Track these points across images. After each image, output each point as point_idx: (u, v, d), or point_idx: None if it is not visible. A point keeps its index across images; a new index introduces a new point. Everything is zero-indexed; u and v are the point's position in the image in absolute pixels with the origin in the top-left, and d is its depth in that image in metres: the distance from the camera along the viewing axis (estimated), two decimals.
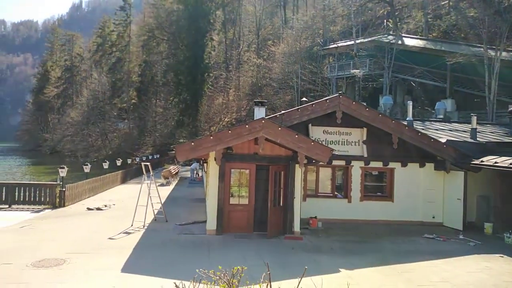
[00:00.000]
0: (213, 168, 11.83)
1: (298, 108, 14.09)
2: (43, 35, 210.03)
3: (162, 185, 24.71)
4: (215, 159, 11.40)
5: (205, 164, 20.92)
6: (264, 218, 11.76)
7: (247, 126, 11.15)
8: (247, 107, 49.29)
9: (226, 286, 2.80)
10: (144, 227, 12.49)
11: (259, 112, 15.72)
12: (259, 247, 10.38)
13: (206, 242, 10.71)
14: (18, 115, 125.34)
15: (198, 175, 29.84)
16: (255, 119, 14.60)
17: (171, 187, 25.37)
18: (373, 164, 14.51)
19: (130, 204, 16.30)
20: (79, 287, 7.12)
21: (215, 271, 3.11)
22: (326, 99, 14.02)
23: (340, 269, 8.68)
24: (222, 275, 2.95)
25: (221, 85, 55.24)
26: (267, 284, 3.06)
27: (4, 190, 15.79)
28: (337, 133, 14.40)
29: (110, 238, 10.94)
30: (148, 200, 13.34)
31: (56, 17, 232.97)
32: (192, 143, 11.11)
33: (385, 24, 43.17)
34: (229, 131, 11.15)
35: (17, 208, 15.52)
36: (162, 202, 14.42)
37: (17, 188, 16.14)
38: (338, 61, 40.67)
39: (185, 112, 52.81)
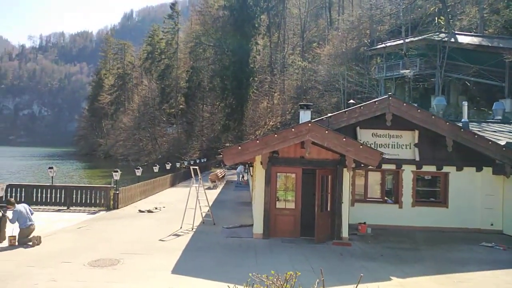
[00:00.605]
0: (259, 172, 11.86)
1: (345, 111, 13.81)
2: (97, 44, 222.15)
3: (209, 188, 25.16)
4: (261, 163, 11.43)
5: (251, 168, 21.07)
6: (311, 223, 11.62)
7: (293, 129, 11.08)
8: (292, 111, 49.14)
9: None
10: (192, 229, 12.75)
11: (305, 115, 15.61)
12: (307, 252, 10.25)
13: (253, 246, 10.74)
14: (75, 121, 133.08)
15: (244, 178, 30.10)
16: (300, 122, 14.50)
17: (218, 190, 25.77)
18: (426, 168, 13.91)
19: (179, 207, 16.76)
20: (133, 286, 7.36)
21: (268, 276, 3.08)
22: (375, 101, 13.64)
23: (392, 277, 8.37)
24: (275, 280, 2.92)
25: (266, 89, 55.52)
26: None
27: (63, 193, 16.75)
28: (387, 136, 13.96)
29: (160, 240, 11.27)
30: (196, 203, 13.62)
31: (109, 27, 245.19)
32: (239, 147, 11.21)
33: (436, 21, 41.35)
34: (275, 135, 11.13)
35: (75, 209, 16.38)
36: (210, 205, 14.65)
37: (74, 190, 17.05)
38: (387, 61, 39.49)
39: (230, 117, 53.58)
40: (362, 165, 11.67)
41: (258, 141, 11.17)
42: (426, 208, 13.85)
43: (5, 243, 10.29)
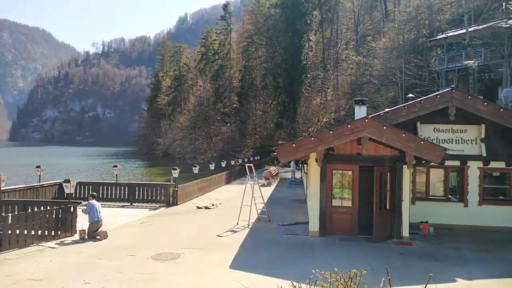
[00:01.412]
0: (314, 169, 11.75)
1: (404, 105, 13.28)
2: (155, 48, 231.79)
3: (263, 185, 25.33)
4: (316, 160, 11.32)
5: (305, 165, 20.92)
6: (369, 221, 11.31)
7: (349, 125, 10.85)
8: (346, 107, 48.11)
9: None
10: (248, 226, 12.93)
11: (360, 111, 15.22)
12: (365, 251, 10.01)
13: (309, 243, 10.67)
14: (135, 122, 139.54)
15: (297, 176, 29.98)
16: (355, 118, 14.17)
17: (272, 187, 25.88)
18: (494, 164, 13.00)
19: (235, 204, 17.05)
20: (193, 280, 7.62)
21: (331, 273, 3.05)
22: (437, 94, 12.97)
23: (457, 279, 7.94)
24: (339, 277, 2.87)
25: (319, 85, 54.81)
26: None
27: (126, 190, 17.71)
28: (450, 130, 13.23)
29: (218, 236, 11.55)
30: (252, 200, 13.78)
31: (165, 31, 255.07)
32: (293, 145, 11.18)
33: (503, 7, 38.42)
34: (330, 132, 10.96)
35: (137, 205, 17.24)
36: (265, 202, 14.76)
37: (137, 187, 17.96)
38: (448, 52, 37.33)
39: (283, 114, 53.51)
40: (423, 161, 11.17)
41: (312, 138, 11.07)
42: (494, 207, 12.95)
43: (76, 236, 11.07)
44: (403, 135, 10.56)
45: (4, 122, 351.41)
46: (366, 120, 10.73)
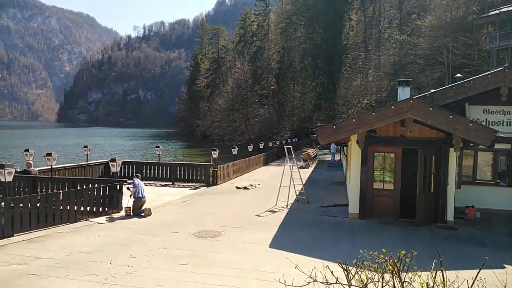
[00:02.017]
0: (355, 151, 11.55)
1: (452, 86, 12.68)
2: (194, 31, 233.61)
3: (301, 167, 25.25)
4: (357, 142, 11.11)
5: (345, 148, 20.61)
6: (411, 205, 11.05)
7: (392, 107, 10.52)
8: (388, 88, 46.54)
9: (392, 270, 2.68)
10: (287, 206, 12.99)
11: (403, 92, 14.70)
12: (407, 234, 9.81)
13: (349, 226, 10.59)
14: (175, 104, 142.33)
15: (336, 158, 29.64)
16: (398, 99, 13.71)
17: (310, 169, 25.75)
18: None
19: (273, 185, 17.15)
20: (234, 258, 7.79)
21: (379, 253, 3.01)
22: (488, 74, 12.28)
23: (506, 265, 7.62)
24: (387, 258, 2.83)
25: (360, 66, 53.28)
26: (438, 273, 2.81)
27: (168, 170, 18.25)
28: (501, 112, 12.53)
29: (257, 215, 11.70)
30: (290, 181, 13.79)
31: (204, 14, 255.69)
32: (334, 126, 11.01)
33: None
34: (373, 113, 10.68)
35: (179, 185, 17.74)
36: (303, 184, 14.73)
37: (178, 167, 18.45)
38: (500, 30, 35.03)
39: (322, 96, 52.67)
40: (471, 144, 10.68)
41: (354, 120, 10.85)
42: None
43: (122, 213, 11.58)
44: (451, 116, 10.11)
45: (52, 104, 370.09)
46: (411, 101, 10.36)
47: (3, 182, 9.38)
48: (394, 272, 2.66)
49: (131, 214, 11.36)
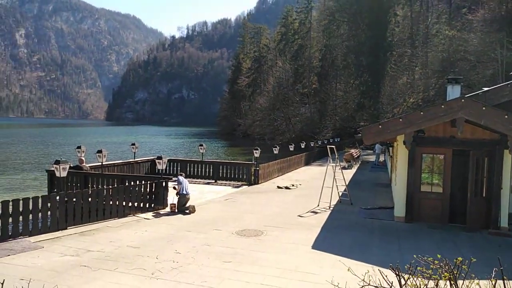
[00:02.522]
0: (401, 152, 11.19)
1: (508, 84, 11.97)
2: (236, 30, 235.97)
3: (344, 168, 24.82)
4: (404, 143, 10.74)
5: (390, 148, 20.03)
6: (461, 209, 10.55)
7: (442, 106, 10.08)
8: (436, 86, 44.69)
9: (448, 276, 2.56)
10: (330, 208, 12.82)
11: (453, 91, 14.06)
12: (456, 240, 9.38)
13: (394, 229, 10.29)
14: (217, 103, 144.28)
15: (380, 159, 28.90)
16: (447, 98, 13.14)
17: (353, 170, 25.26)
18: None
19: (315, 185, 16.99)
20: (276, 257, 7.79)
21: (434, 259, 2.89)
22: None
23: None
24: (443, 264, 2.71)
25: (406, 63, 51.54)
26: (498, 282, 2.65)
27: (211, 168, 18.55)
28: None
29: (299, 216, 11.63)
30: (333, 182, 13.60)
31: (246, 13, 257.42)
32: (380, 126, 10.72)
33: None
34: (421, 113, 10.30)
35: (221, 183, 17.98)
36: (346, 185, 14.47)
37: (221, 166, 18.71)
38: None
39: (366, 95, 51.51)
40: None
41: (401, 120, 10.51)
42: None
43: (167, 209, 11.90)
44: (506, 116, 9.55)
45: (101, 103, 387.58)
46: (463, 100, 9.88)
47: (58, 177, 9.94)
48: (451, 279, 2.54)
49: (176, 210, 11.66)
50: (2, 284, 1.98)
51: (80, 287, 6.12)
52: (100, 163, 14.08)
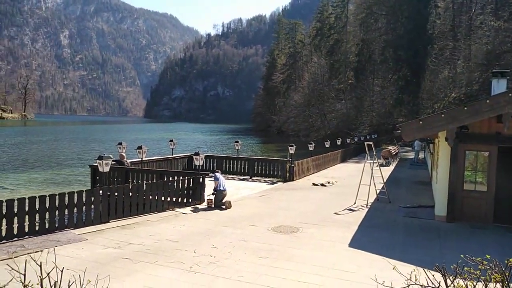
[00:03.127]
0: (443, 149, 10.80)
1: None
2: (270, 26, 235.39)
3: (381, 165, 24.23)
4: (446, 139, 10.36)
5: (430, 145, 19.38)
6: (507, 209, 10.05)
7: (488, 101, 9.64)
8: (480, 80, 42.70)
9: (500, 278, 2.44)
10: (367, 206, 12.59)
11: (498, 85, 13.35)
12: (503, 241, 8.96)
13: (435, 228, 9.96)
14: (252, 100, 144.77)
15: (419, 156, 28.03)
16: (492, 93, 12.52)
17: (391, 168, 24.65)
18: None
19: (351, 182, 16.74)
20: (312, 254, 7.75)
21: (482, 259, 2.77)
22: None
23: None
24: (492, 265, 2.59)
25: (447, 56, 49.52)
26: None
27: (247, 164, 18.68)
28: None
29: (335, 213, 11.50)
30: (371, 179, 13.33)
31: (281, 9, 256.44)
32: (421, 122, 10.39)
33: None
34: (465, 108, 9.89)
35: (256, 179, 18.08)
36: (384, 183, 14.15)
37: (256, 162, 18.81)
38: None
39: (404, 90, 50.04)
40: None
41: (443, 115, 10.14)
42: None
43: (204, 205, 12.11)
44: None
45: (140, 101, 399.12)
46: (510, 95, 9.40)
47: (101, 172, 10.34)
48: (504, 281, 2.42)
49: (213, 206, 11.84)
50: (62, 271, 2.10)
51: (122, 279, 6.36)
52: (140, 159, 14.51)
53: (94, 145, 48.97)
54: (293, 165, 17.98)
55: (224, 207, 11.70)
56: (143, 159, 14.69)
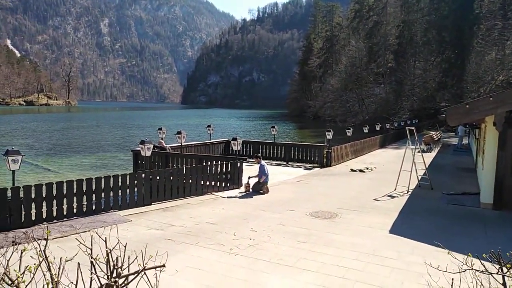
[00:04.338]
0: (491, 134, 10.30)
1: None
2: (307, 10, 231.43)
3: (423, 151, 23.47)
4: (494, 124, 9.86)
5: (475, 130, 18.54)
6: None
7: None
8: None
9: None
10: (408, 192, 12.27)
11: None
12: None
13: (480, 216, 9.59)
14: (287, 85, 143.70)
15: (463, 142, 26.91)
16: None
17: (433, 154, 23.83)
18: None
19: (390, 168, 16.37)
20: (352, 240, 7.68)
21: None
22: None
23: None
24: None
25: (495, 37, 46.87)
26: None
27: (283, 149, 18.66)
28: None
29: (374, 199, 11.30)
30: (412, 165, 12.96)
31: None
32: (467, 106, 9.93)
33: None
34: None
35: (292, 165, 18.04)
36: (426, 169, 13.71)
37: (292, 148, 18.75)
38: None
39: (448, 73, 47.93)
40: None
41: (491, 99, 9.63)
42: None
43: (242, 189, 12.25)
44: None
45: (177, 87, 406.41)
46: None
47: (143, 156, 10.67)
48: None
49: (250, 190, 11.96)
50: (125, 246, 2.20)
51: (166, 259, 6.57)
52: (180, 144, 14.83)
53: (134, 131, 50.55)
54: (330, 150, 17.77)
55: (261, 191, 11.78)
56: (182, 143, 15.00)
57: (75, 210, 9.01)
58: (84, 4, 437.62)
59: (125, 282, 2.20)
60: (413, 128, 13.86)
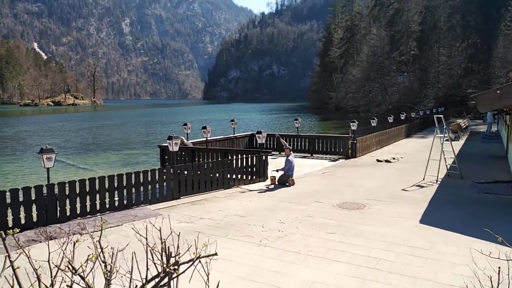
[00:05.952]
0: None
1: None
2: (325, 0, 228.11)
3: (450, 139, 22.95)
4: None
5: (507, 116, 17.96)
6: None
7: None
8: None
9: None
10: (437, 182, 12.05)
11: None
12: None
13: None
14: (308, 77, 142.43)
15: (492, 129, 26.14)
16: None
17: (461, 142, 23.21)
18: None
19: (417, 158, 16.11)
20: (381, 230, 7.62)
21: None
22: None
23: None
24: None
25: None
26: None
27: (307, 142, 18.60)
28: None
29: (403, 190, 11.15)
30: (441, 154, 12.71)
31: None
32: (498, 91, 9.62)
33: None
34: None
35: (317, 157, 17.97)
36: (455, 157, 13.41)
37: (316, 140, 18.66)
38: None
39: (474, 58, 46.48)
40: None
41: None
42: None
43: (268, 182, 12.31)
44: None
45: (198, 83, 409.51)
46: None
47: (170, 151, 10.86)
48: None
49: (276, 183, 12.00)
50: (179, 235, 2.30)
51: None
52: (205, 139, 15.00)
53: (158, 127, 51.33)
54: (355, 141, 17.58)
55: (287, 184, 11.81)
56: (208, 138, 15.16)
57: (107, 205, 9.28)
58: (106, 5, 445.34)
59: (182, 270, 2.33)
60: (441, 116, 13.56)
